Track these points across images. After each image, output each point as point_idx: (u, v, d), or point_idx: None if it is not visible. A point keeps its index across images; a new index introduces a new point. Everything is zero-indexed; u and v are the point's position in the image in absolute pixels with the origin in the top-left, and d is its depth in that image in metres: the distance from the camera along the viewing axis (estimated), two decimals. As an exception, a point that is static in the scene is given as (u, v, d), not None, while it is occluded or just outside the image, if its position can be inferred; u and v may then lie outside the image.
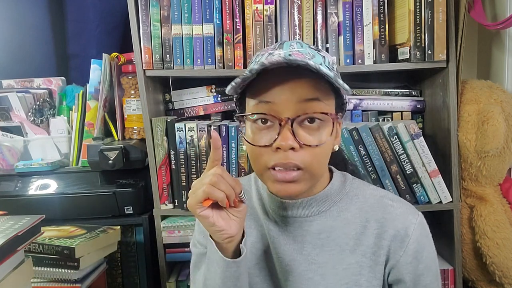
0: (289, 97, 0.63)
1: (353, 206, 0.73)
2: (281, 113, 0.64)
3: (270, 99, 0.64)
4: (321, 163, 0.67)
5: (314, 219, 0.72)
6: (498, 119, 1.05)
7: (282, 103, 0.64)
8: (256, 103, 0.66)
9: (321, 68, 0.60)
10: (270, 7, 1.10)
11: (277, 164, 0.64)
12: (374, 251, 0.70)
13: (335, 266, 0.71)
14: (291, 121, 0.63)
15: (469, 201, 1.17)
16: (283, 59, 0.60)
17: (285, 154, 0.63)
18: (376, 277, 0.70)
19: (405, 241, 0.69)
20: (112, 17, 1.39)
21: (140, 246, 1.23)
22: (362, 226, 0.71)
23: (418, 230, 0.70)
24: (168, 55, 1.12)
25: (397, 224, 0.70)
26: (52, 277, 1.01)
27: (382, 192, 0.76)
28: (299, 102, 0.63)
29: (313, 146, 0.64)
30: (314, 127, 0.65)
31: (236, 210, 0.64)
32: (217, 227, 0.62)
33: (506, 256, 1.08)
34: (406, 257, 0.69)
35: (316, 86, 0.64)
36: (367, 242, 0.70)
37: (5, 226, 0.83)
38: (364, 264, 0.70)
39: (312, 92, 0.64)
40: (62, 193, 1.17)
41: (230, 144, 1.14)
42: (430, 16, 1.04)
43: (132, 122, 1.25)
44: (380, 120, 1.24)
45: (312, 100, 0.64)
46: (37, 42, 1.39)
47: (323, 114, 0.64)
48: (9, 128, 1.28)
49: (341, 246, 0.71)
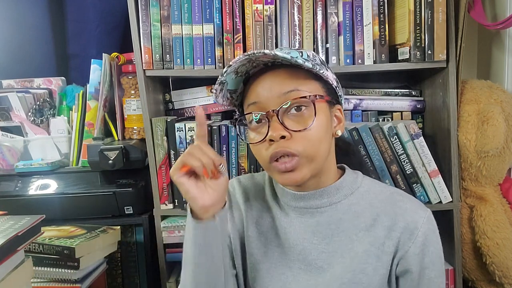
0: (269, 93, 0.70)
1: (364, 201, 0.76)
2: (266, 109, 0.70)
3: (255, 99, 0.72)
4: (316, 146, 0.70)
5: (325, 210, 0.75)
6: (498, 119, 1.05)
7: (266, 100, 0.70)
8: (246, 107, 0.75)
9: (278, 52, 0.66)
10: (270, 7, 1.10)
11: (273, 155, 0.68)
12: (383, 242, 0.72)
13: (343, 255, 0.73)
14: (276, 113, 0.68)
15: (469, 201, 1.17)
16: (243, 56, 0.68)
17: (278, 144, 0.68)
18: (383, 267, 0.72)
19: (414, 233, 0.72)
20: (112, 17, 1.39)
21: (140, 246, 1.23)
22: (373, 219, 0.74)
23: (426, 224, 0.73)
24: (168, 55, 1.12)
25: (407, 217, 0.73)
26: (52, 277, 1.01)
27: (392, 189, 0.80)
28: (279, 96, 0.69)
29: (302, 131, 0.68)
30: (300, 115, 0.70)
31: (215, 182, 0.67)
32: (190, 194, 0.66)
33: (506, 256, 1.08)
34: (414, 248, 0.71)
35: (293, 77, 0.70)
36: (377, 234, 0.73)
37: (5, 226, 0.83)
38: (371, 253, 0.72)
39: (288, 84, 0.70)
40: (62, 193, 1.17)
41: (230, 144, 1.14)
42: (430, 16, 1.04)
43: (132, 122, 1.25)
44: (380, 120, 1.24)
45: (290, 91, 0.69)
46: (37, 42, 1.39)
47: (302, 99, 0.69)
48: (9, 128, 1.28)
49: (350, 237, 0.74)
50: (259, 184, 0.86)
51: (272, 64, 0.72)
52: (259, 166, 1.14)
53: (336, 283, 0.71)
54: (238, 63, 0.70)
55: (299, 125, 0.69)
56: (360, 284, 0.71)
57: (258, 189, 0.85)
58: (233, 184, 0.87)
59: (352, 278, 0.71)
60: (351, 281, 0.71)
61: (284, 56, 0.66)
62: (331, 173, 0.77)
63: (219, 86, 0.74)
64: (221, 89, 0.75)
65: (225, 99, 0.78)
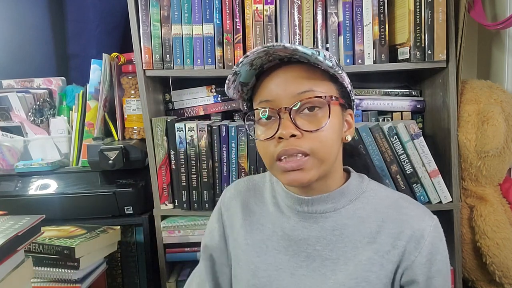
0: (283, 92, 0.67)
1: (369, 206, 0.74)
2: (279, 107, 0.67)
3: (268, 97, 0.69)
4: (327, 147, 0.68)
5: (329, 215, 0.73)
6: (498, 119, 1.05)
7: (279, 99, 0.67)
8: (257, 104, 0.71)
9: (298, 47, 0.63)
10: (270, 7, 1.10)
11: (281, 153, 0.66)
12: (388, 250, 0.70)
13: (347, 262, 0.71)
14: (289, 110, 0.66)
15: (469, 201, 1.17)
16: (261, 47, 0.64)
17: (287, 142, 0.66)
18: (386, 275, 0.70)
19: (420, 242, 0.69)
20: (112, 17, 1.39)
21: (140, 246, 1.23)
22: (378, 225, 0.72)
23: (433, 232, 0.71)
24: (168, 55, 1.12)
25: (413, 225, 0.71)
26: (52, 277, 1.01)
27: (398, 195, 0.77)
28: (294, 96, 0.67)
29: (314, 131, 0.66)
30: (313, 115, 0.67)
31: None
32: None
33: (506, 256, 1.08)
34: (420, 258, 0.69)
35: (309, 77, 0.68)
36: (382, 241, 0.71)
37: (5, 226, 0.83)
38: (375, 261, 0.70)
39: (304, 84, 0.67)
40: (62, 193, 1.17)
41: (230, 144, 1.14)
42: (430, 16, 1.04)
43: (132, 122, 1.25)
44: (380, 120, 1.24)
45: (305, 92, 0.67)
46: (37, 42, 1.39)
47: (317, 99, 0.67)
48: (9, 128, 1.28)
49: (354, 243, 0.72)
50: (259, 187, 0.83)
51: (288, 60, 0.70)
52: (259, 166, 1.14)
53: None
54: (255, 54, 0.66)
55: (311, 125, 0.66)
56: None
57: (258, 193, 0.82)
58: (230, 191, 0.85)
59: (355, 286, 0.70)
60: None
61: (304, 51, 0.63)
62: (337, 177, 0.75)
63: (233, 76, 0.70)
64: (234, 80, 0.71)
65: (236, 92, 0.74)
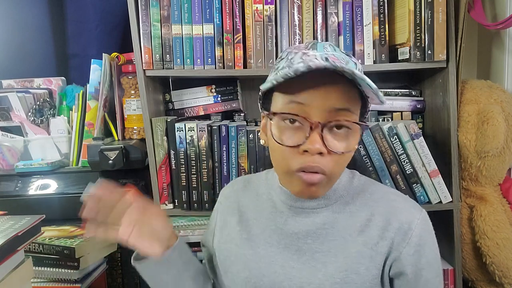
0: (321, 103, 0.64)
1: (359, 201, 0.76)
2: (311, 116, 0.65)
3: (303, 101, 0.65)
4: (342, 168, 0.71)
5: (321, 211, 0.75)
6: (498, 119, 1.05)
7: (314, 108, 0.64)
8: (287, 101, 0.66)
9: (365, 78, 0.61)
10: (270, 7, 1.10)
11: (304, 167, 0.66)
12: (376, 242, 0.72)
13: (337, 255, 0.72)
14: (322, 126, 0.64)
15: (469, 201, 1.17)
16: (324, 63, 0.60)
17: (313, 158, 0.65)
18: (376, 267, 0.71)
19: (408, 234, 0.71)
20: (112, 17, 1.39)
21: (140, 246, 1.22)
22: (367, 219, 0.74)
23: (421, 224, 0.72)
24: (168, 55, 1.12)
25: (401, 217, 0.72)
26: (52, 277, 1.01)
27: (387, 189, 0.80)
28: (330, 111, 0.64)
29: (340, 154, 0.66)
30: (341, 134, 0.66)
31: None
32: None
33: (506, 256, 1.08)
34: (408, 249, 0.71)
35: (349, 94, 0.65)
36: (371, 233, 0.72)
37: (5, 226, 0.83)
38: (364, 253, 0.71)
39: (344, 102, 0.65)
40: (62, 193, 1.17)
41: (230, 144, 1.14)
42: (430, 16, 1.04)
43: (132, 122, 1.25)
44: (380, 120, 1.24)
45: (342, 110, 0.65)
46: (37, 42, 1.39)
47: (354, 123, 0.66)
48: (9, 128, 1.28)
49: (344, 237, 0.73)
50: (255, 184, 0.86)
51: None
52: (259, 166, 1.14)
53: (328, 283, 0.71)
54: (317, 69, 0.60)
55: (338, 145, 0.66)
56: (353, 284, 0.70)
57: (253, 190, 0.85)
58: (227, 190, 0.90)
59: (344, 278, 0.71)
60: (344, 281, 0.70)
61: (362, 78, 0.60)
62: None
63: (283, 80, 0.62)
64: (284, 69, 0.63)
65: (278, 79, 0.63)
